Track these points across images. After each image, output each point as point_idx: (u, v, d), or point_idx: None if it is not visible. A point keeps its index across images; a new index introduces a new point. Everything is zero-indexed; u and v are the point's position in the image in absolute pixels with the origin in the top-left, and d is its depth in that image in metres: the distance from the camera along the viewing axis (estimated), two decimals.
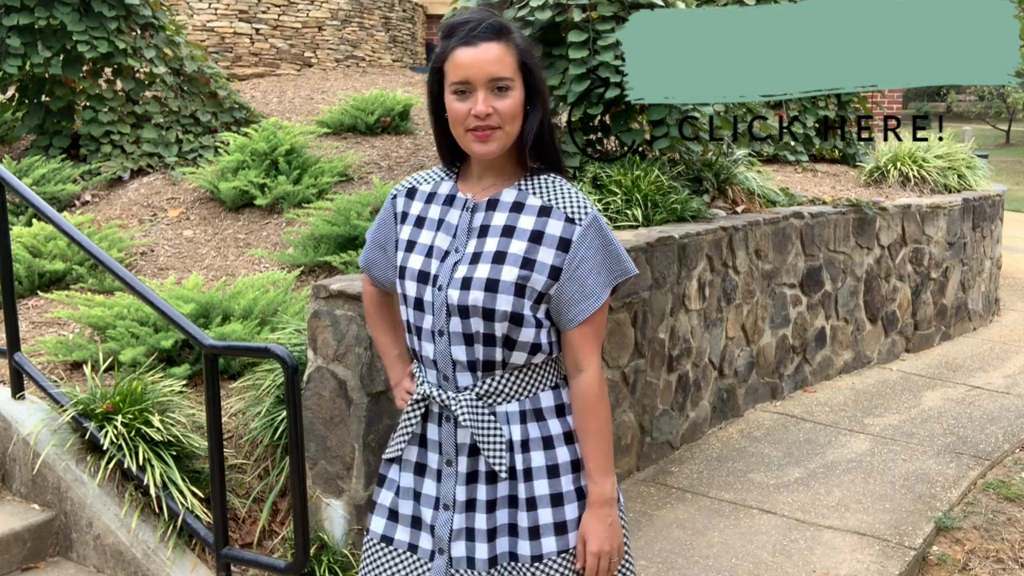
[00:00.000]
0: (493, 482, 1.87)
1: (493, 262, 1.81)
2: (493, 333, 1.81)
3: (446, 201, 1.92)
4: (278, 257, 4.78)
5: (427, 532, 1.90)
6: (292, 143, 5.62)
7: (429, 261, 1.87)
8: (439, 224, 1.90)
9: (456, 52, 1.80)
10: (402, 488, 1.94)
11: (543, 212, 1.84)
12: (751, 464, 4.51)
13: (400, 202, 1.98)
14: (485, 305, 1.80)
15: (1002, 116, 31.43)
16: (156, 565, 3.15)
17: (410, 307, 1.89)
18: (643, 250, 4.28)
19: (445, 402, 1.87)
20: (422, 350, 1.89)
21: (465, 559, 1.86)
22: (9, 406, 3.65)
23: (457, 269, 1.84)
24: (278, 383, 3.43)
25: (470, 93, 1.80)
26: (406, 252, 1.91)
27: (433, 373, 1.89)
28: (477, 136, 1.80)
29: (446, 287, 1.83)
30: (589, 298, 1.83)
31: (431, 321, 1.86)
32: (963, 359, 6.53)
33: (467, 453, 1.86)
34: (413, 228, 1.93)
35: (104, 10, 6.09)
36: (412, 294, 1.88)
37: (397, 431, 1.96)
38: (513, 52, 1.82)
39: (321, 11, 10.19)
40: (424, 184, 1.97)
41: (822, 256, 5.80)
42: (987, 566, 3.72)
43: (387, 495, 1.97)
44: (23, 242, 4.70)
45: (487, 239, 1.84)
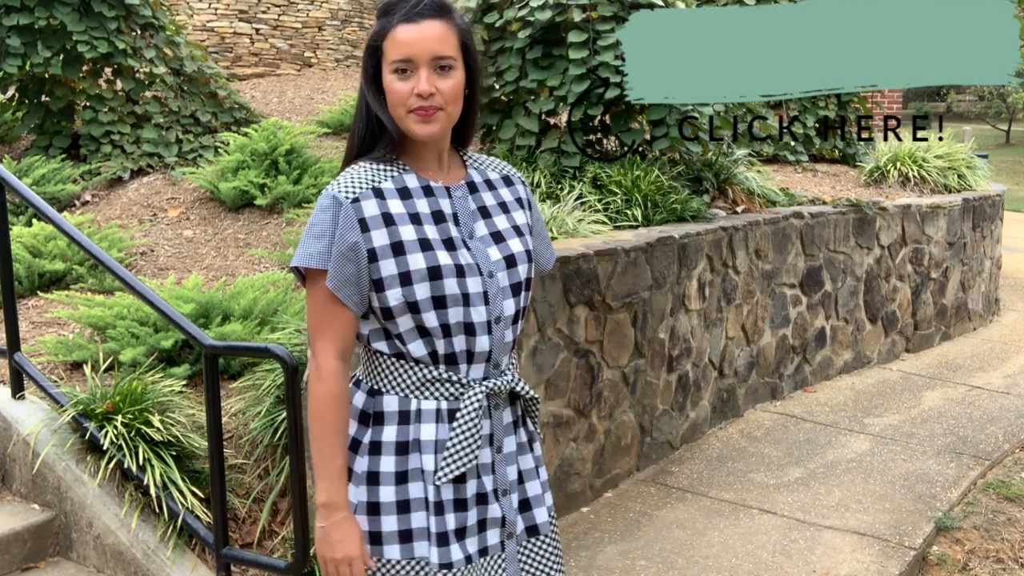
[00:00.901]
0: (532, 447, 1.96)
1: (518, 235, 1.88)
2: (527, 304, 1.91)
3: (425, 192, 1.82)
4: (278, 257, 4.78)
5: (494, 527, 1.88)
6: (292, 143, 5.62)
7: (455, 253, 1.79)
8: (437, 216, 1.81)
9: (397, 29, 1.74)
10: (468, 499, 1.84)
11: (507, 182, 1.95)
12: (751, 464, 4.51)
13: (369, 204, 1.77)
14: (527, 276, 1.88)
15: (1002, 116, 31.43)
16: (156, 565, 3.15)
17: (453, 306, 1.77)
18: (643, 250, 4.28)
19: (506, 388, 1.85)
20: (475, 347, 1.80)
21: (525, 530, 1.92)
22: (9, 406, 3.65)
23: (490, 253, 1.83)
24: (278, 383, 3.43)
25: (412, 72, 1.74)
26: (424, 252, 1.76)
27: (481, 367, 1.83)
28: (420, 116, 1.75)
29: (494, 271, 1.82)
30: (550, 247, 2.08)
31: (486, 311, 1.80)
32: (963, 359, 6.53)
33: (512, 431, 1.91)
34: (414, 226, 1.78)
35: (104, 10, 6.09)
36: (456, 291, 1.77)
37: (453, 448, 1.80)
38: (455, 31, 1.77)
39: (321, 11, 10.19)
40: (384, 181, 1.80)
41: (822, 256, 5.80)
42: (987, 566, 3.72)
43: (451, 517, 1.83)
44: (23, 242, 4.70)
45: (492, 219, 1.88)
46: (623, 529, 3.81)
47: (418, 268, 1.75)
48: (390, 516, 1.81)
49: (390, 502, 1.81)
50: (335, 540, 1.79)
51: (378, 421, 1.83)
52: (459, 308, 1.78)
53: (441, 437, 1.81)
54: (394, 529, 1.81)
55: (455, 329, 1.78)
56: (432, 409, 1.81)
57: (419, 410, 1.82)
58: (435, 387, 1.81)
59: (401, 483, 1.81)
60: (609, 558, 3.55)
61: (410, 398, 1.82)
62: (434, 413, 1.81)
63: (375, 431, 1.83)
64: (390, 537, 1.81)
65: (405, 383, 1.83)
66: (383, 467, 1.81)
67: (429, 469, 1.81)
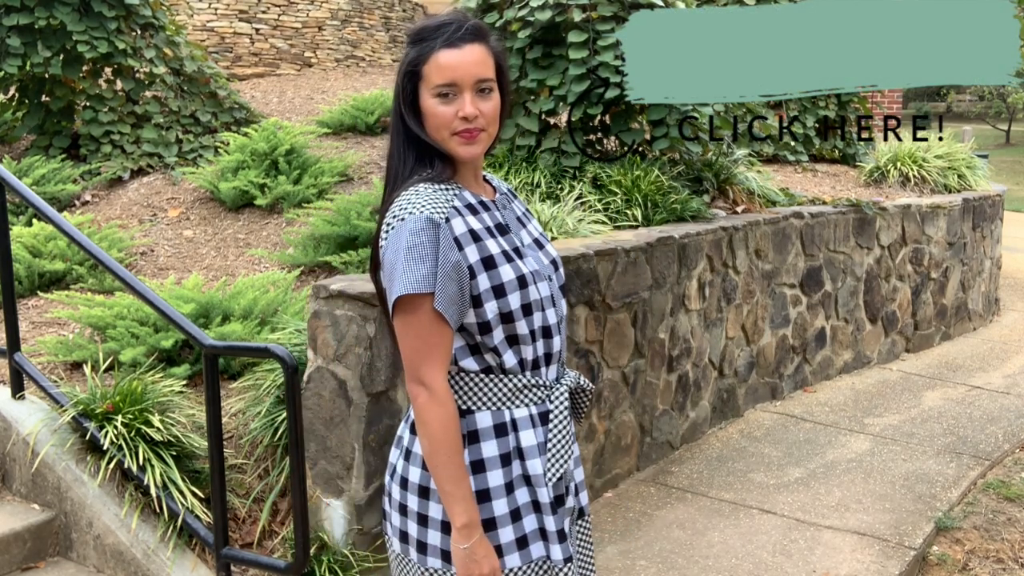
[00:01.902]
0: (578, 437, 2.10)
1: (548, 241, 2.01)
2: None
3: (483, 207, 1.89)
4: (278, 257, 4.78)
5: (568, 516, 1.96)
6: (292, 143, 5.62)
7: (528, 260, 1.89)
8: (500, 228, 1.89)
9: (440, 54, 1.78)
10: (565, 496, 1.92)
11: (513, 195, 2.06)
12: (751, 464, 4.51)
13: (458, 223, 1.79)
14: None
15: (1002, 116, 31.44)
16: (156, 565, 3.15)
17: (538, 311, 1.87)
18: (643, 250, 4.28)
19: (575, 383, 1.96)
20: (552, 348, 1.91)
21: (577, 510, 2.02)
22: (9, 406, 3.65)
23: (540, 257, 1.94)
24: (278, 383, 3.43)
25: (455, 96, 1.78)
26: (510, 263, 1.83)
27: (554, 368, 1.92)
28: (464, 138, 1.80)
29: (551, 275, 1.94)
30: None
31: (555, 313, 1.91)
32: (963, 359, 6.53)
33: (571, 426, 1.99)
34: (498, 239, 1.85)
35: (104, 10, 6.09)
36: (538, 296, 1.87)
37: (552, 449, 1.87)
38: (492, 54, 1.84)
39: (321, 11, 10.19)
40: (455, 200, 1.83)
41: (822, 256, 5.80)
42: (987, 566, 3.72)
43: (555, 518, 1.89)
44: (23, 242, 4.70)
45: (527, 227, 1.98)
46: (623, 529, 3.81)
47: (509, 279, 1.82)
48: (506, 527, 1.86)
49: (504, 514, 1.85)
50: (480, 556, 1.80)
51: (473, 440, 1.85)
52: (540, 313, 1.88)
53: (540, 440, 1.87)
54: (511, 539, 1.86)
55: (538, 334, 1.88)
56: (526, 416, 1.87)
57: (514, 419, 1.86)
58: (525, 394, 1.87)
59: (510, 493, 1.86)
60: (609, 558, 3.55)
61: (503, 410, 1.86)
62: (529, 419, 1.87)
63: (472, 450, 1.84)
64: (509, 547, 1.86)
65: (497, 396, 1.86)
66: (491, 482, 1.85)
67: (537, 473, 1.86)
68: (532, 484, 1.87)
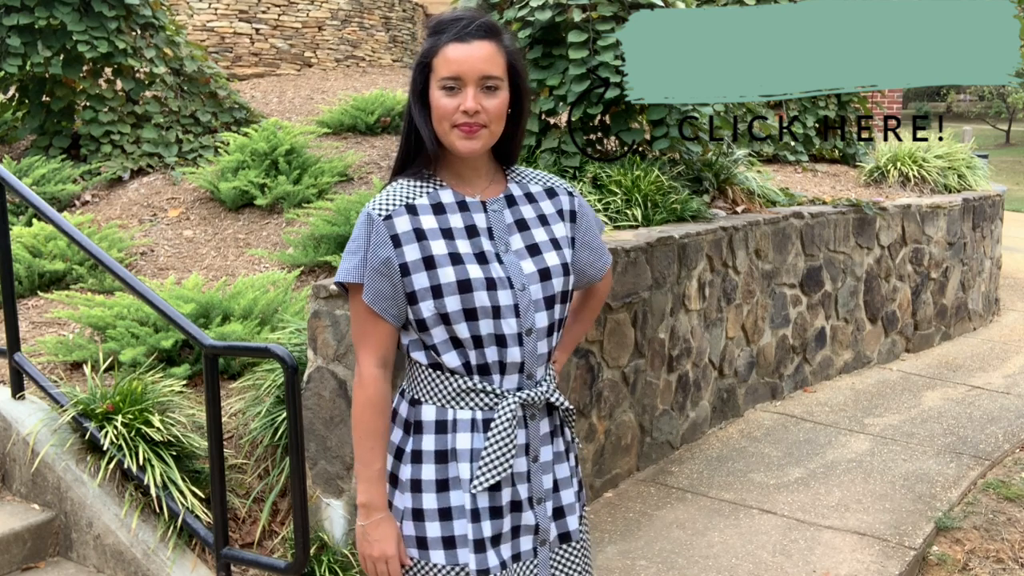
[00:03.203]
0: (568, 456, 2.00)
1: (555, 248, 1.92)
2: (564, 316, 1.94)
3: (460, 208, 1.87)
4: (278, 257, 4.78)
5: (528, 534, 1.93)
6: (292, 143, 5.62)
7: (487, 267, 1.84)
8: (470, 230, 1.86)
9: (448, 48, 1.80)
10: (504, 506, 1.89)
11: (550, 194, 1.99)
12: (751, 464, 4.51)
13: (401, 221, 1.83)
14: (563, 289, 1.91)
15: (1002, 116, 31.44)
16: (156, 565, 3.15)
17: (483, 318, 1.82)
18: (643, 250, 4.28)
19: (541, 399, 1.89)
20: (507, 358, 1.85)
21: (558, 537, 1.97)
22: (9, 406, 3.65)
23: (523, 266, 1.87)
24: (278, 383, 3.43)
25: (459, 89, 1.80)
26: (455, 265, 1.81)
27: (515, 377, 1.87)
28: (464, 132, 1.81)
29: (527, 284, 1.86)
30: (601, 257, 2.08)
31: (516, 323, 1.84)
32: (963, 359, 6.53)
33: (549, 441, 1.95)
34: (445, 241, 1.83)
35: (104, 10, 6.09)
36: (486, 303, 1.81)
37: (489, 457, 1.85)
38: (503, 53, 1.84)
39: (321, 11, 10.19)
40: (418, 198, 1.86)
41: (822, 256, 5.80)
42: (987, 566, 3.72)
43: (487, 525, 1.87)
44: (23, 242, 4.70)
45: (530, 231, 1.92)
46: (623, 529, 3.81)
47: (448, 281, 1.81)
48: (433, 523, 1.87)
49: (432, 509, 1.87)
50: (373, 539, 1.88)
51: (417, 430, 1.89)
52: (489, 320, 1.83)
53: (476, 446, 1.86)
54: (438, 535, 1.88)
55: (487, 340, 1.83)
56: (468, 419, 1.86)
57: (455, 420, 1.87)
58: (470, 397, 1.86)
59: (442, 491, 1.87)
60: (609, 558, 3.55)
61: (447, 408, 1.87)
62: (469, 423, 1.86)
63: (415, 440, 1.89)
64: (435, 543, 1.88)
65: (442, 393, 1.87)
66: (424, 475, 1.87)
67: (465, 478, 1.86)
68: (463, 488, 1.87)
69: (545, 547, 1.95)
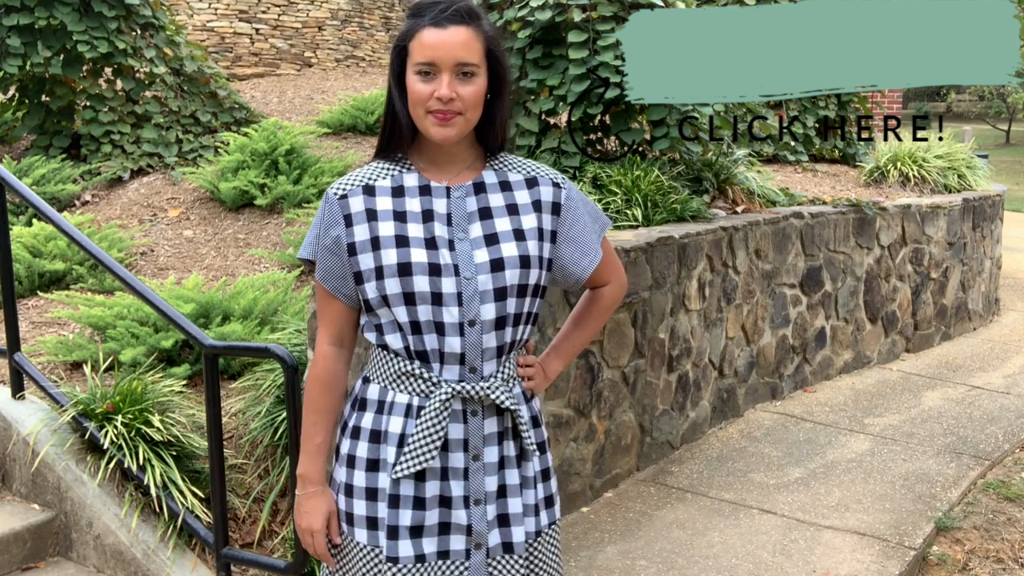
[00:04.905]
0: (521, 463, 1.90)
1: (516, 239, 1.84)
2: (522, 311, 1.85)
3: (421, 192, 1.84)
4: (278, 257, 4.78)
5: (460, 533, 1.85)
6: (292, 143, 5.62)
7: (436, 252, 1.79)
8: (426, 215, 1.82)
9: (424, 32, 1.76)
10: (427, 499, 1.84)
11: (531, 183, 1.90)
12: (751, 464, 4.51)
13: (356, 200, 1.83)
14: (520, 282, 1.82)
15: (1002, 116, 31.45)
16: (156, 565, 3.15)
17: (421, 304, 1.78)
18: (643, 250, 4.28)
19: (480, 394, 1.81)
20: (445, 347, 1.80)
21: (501, 546, 1.88)
22: (9, 406, 3.65)
23: (476, 255, 1.81)
24: (278, 383, 3.43)
25: (435, 75, 1.76)
26: (399, 248, 1.79)
27: (455, 368, 1.81)
28: (438, 119, 1.77)
29: (475, 274, 1.80)
30: (588, 255, 1.95)
31: (458, 312, 1.78)
32: (963, 359, 6.53)
33: (496, 442, 1.86)
34: (396, 223, 1.81)
35: (104, 10, 6.09)
36: (425, 289, 1.77)
37: (413, 444, 1.81)
38: (481, 39, 1.79)
39: (321, 11, 10.19)
40: (380, 180, 1.85)
41: (822, 256, 5.80)
42: (987, 566, 3.72)
43: (407, 513, 1.83)
44: (23, 242, 4.70)
45: (494, 220, 1.85)
46: (623, 529, 3.81)
47: (390, 263, 1.79)
48: (360, 500, 1.87)
49: (360, 487, 1.86)
50: (303, 510, 1.93)
51: (361, 407, 1.90)
52: (428, 306, 1.78)
53: (407, 432, 1.84)
54: (363, 514, 1.87)
55: (425, 327, 1.80)
56: (404, 403, 1.84)
57: (392, 402, 1.85)
58: (408, 381, 1.84)
59: (371, 471, 1.86)
60: (609, 558, 3.55)
61: (388, 389, 1.86)
62: (404, 407, 1.84)
63: (357, 416, 1.90)
64: (359, 521, 1.87)
65: (385, 374, 1.87)
66: (359, 452, 1.88)
67: (391, 462, 1.84)
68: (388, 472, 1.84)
69: (482, 552, 1.86)
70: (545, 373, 2.02)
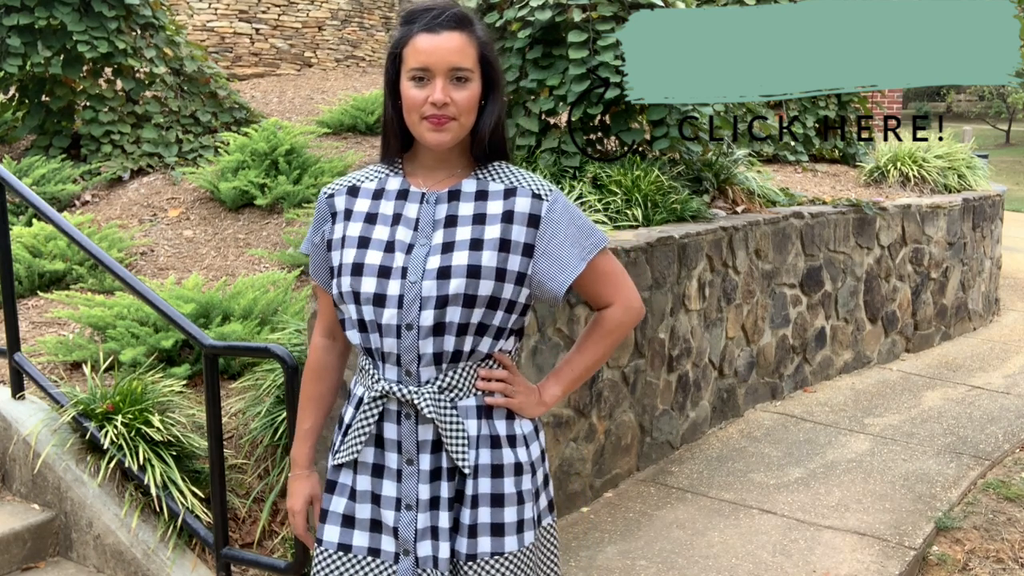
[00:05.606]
0: (454, 478, 1.85)
1: (471, 249, 1.79)
2: (468, 321, 1.79)
3: (399, 196, 1.86)
4: (278, 257, 4.78)
5: (389, 535, 1.84)
6: (292, 143, 5.62)
7: (391, 255, 1.81)
8: (395, 219, 1.84)
9: (417, 38, 1.77)
10: (359, 492, 1.87)
11: (508, 194, 1.85)
12: (751, 464, 4.51)
13: (340, 200, 1.90)
14: (467, 292, 1.77)
15: (1002, 116, 31.45)
16: (156, 565, 3.15)
17: (365, 304, 1.80)
18: (643, 250, 4.28)
19: (407, 397, 1.80)
20: (384, 347, 1.81)
21: (431, 559, 1.82)
22: (9, 406, 3.65)
23: (429, 260, 1.79)
24: (278, 383, 3.43)
25: (428, 81, 1.77)
26: (359, 248, 1.83)
27: (394, 369, 1.82)
28: (432, 124, 1.77)
29: (420, 279, 1.78)
30: (564, 270, 1.86)
31: (397, 315, 1.78)
32: (963, 359, 6.53)
33: (429, 450, 1.83)
34: (364, 224, 1.85)
35: (104, 10, 6.09)
36: (371, 290, 1.79)
37: (349, 435, 1.87)
38: (474, 44, 1.80)
39: (321, 11, 10.19)
40: (367, 182, 1.91)
41: (822, 256, 5.81)
42: (987, 566, 3.72)
43: (340, 501, 1.89)
44: (23, 242, 4.70)
45: (457, 228, 1.82)
46: (623, 529, 3.81)
47: (347, 263, 1.84)
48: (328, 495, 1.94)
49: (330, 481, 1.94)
50: (289, 492, 2.06)
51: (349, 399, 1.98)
52: (370, 307, 1.81)
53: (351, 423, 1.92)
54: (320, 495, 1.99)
55: (370, 326, 1.83)
56: (358, 395, 1.91)
57: (351, 393, 1.94)
58: (363, 376, 1.90)
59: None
60: (609, 558, 3.55)
61: (355, 382, 1.95)
62: (357, 399, 1.91)
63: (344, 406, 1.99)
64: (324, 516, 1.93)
65: (356, 367, 1.96)
66: (334, 437, 1.97)
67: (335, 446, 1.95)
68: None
69: (410, 559, 1.83)
70: (540, 397, 1.94)
